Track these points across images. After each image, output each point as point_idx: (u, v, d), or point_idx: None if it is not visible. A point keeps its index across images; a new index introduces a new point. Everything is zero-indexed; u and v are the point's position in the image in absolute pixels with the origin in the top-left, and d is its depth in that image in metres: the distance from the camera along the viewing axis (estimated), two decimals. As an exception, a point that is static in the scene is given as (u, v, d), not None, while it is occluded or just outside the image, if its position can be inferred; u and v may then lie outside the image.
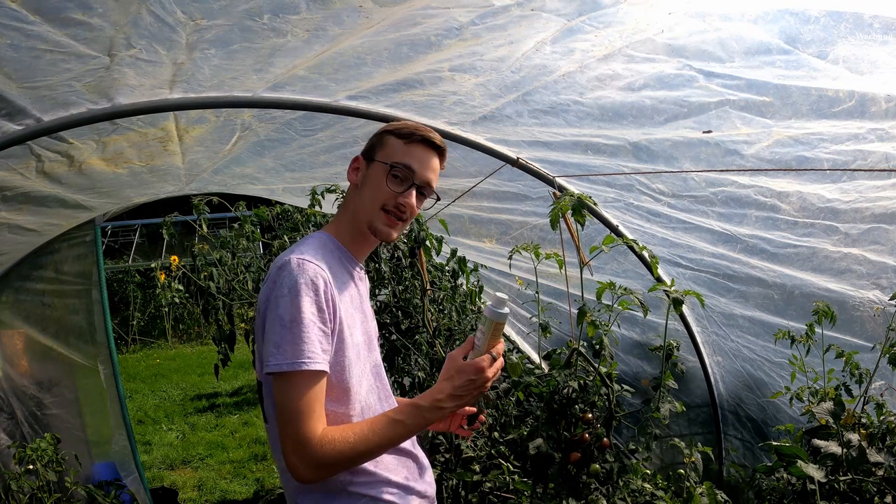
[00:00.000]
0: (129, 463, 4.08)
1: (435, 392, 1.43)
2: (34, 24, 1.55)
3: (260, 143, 2.90)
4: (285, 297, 1.35)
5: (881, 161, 2.22)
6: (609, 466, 2.19)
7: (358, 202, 1.57)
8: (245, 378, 8.16)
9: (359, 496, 1.43)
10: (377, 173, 1.53)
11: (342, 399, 1.44)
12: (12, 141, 2.07)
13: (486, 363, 1.43)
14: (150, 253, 11.94)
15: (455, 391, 1.41)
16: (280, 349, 1.33)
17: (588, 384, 2.23)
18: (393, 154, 1.53)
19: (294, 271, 1.37)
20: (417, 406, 1.41)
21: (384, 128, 1.60)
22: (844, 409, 2.20)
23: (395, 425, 1.39)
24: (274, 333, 1.34)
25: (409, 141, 1.54)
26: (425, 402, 1.41)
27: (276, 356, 1.33)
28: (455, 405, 1.43)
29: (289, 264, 1.38)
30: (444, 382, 1.43)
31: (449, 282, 3.27)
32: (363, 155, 1.60)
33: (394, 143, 1.55)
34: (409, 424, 1.40)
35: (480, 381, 1.42)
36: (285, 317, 1.34)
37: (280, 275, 1.38)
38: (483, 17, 1.86)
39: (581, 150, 2.71)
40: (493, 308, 1.42)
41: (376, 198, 1.52)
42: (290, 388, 1.33)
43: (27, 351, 3.86)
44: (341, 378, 1.43)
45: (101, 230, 3.91)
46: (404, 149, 1.53)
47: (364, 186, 1.56)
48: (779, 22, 1.93)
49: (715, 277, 3.11)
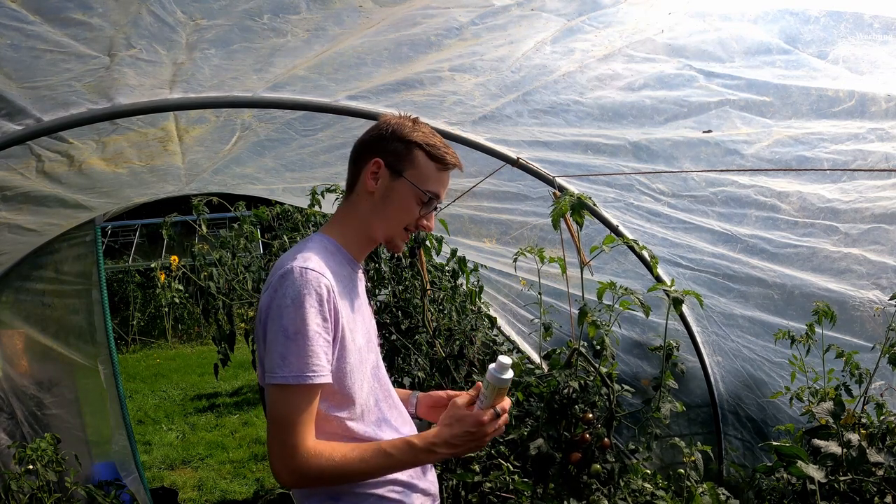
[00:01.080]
0: (129, 463, 4.08)
1: (431, 435, 1.42)
2: (34, 24, 1.55)
3: (260, 143, 2.90)
4: (289, 308, 1.33)
5: (881, 161, 2.22)
6: (610, 466, 2.19)
7: (377, 214, 1.51)
8: (245, 378, 8.16)
9: (365, 496, 1.44)
10: (406, 192, 1.49)
11: (343, 404, 1.44)
12: (12, 141, 2.07)
13: (488, 418, 1.41)
14: (150, 253, 11.93)
15: (451, 439, 1.41)
16: (286, 361, 1.33)
17: (588, 384, 2.23)
18: (426, 180, 1.49)
19: (297, 281, 1.35)
20: (411, 445, 1.40)
21: (410, 136, 1.49)
22: (844, 409, 2.20)
23: (385, 458, 1.38)
24: (278, 344, 1.34)
25: (442, 167, 1.51)
26: (420, 444, 1.40)
27: (283, 368, 1.32)
28: (449, 453, 1.42)
29: (291, 273, 1.36)
30: (442, 428, 1.43)
31: (449, 282, 3.27)
32: (386, 163, 1.49)
33: (426, 166, 1.49)
34: (399, 460, 1.40)
35: (479, 434, 1.41)
36: (289, 328, 1.33)
37: (283, 284, 1.36)
38: (483, 17, 1.86)
39: (581, 150, 2.71)
40: (496, 373, 1.40)
41: (402, 219, 1.51)
42: (291, 399, 1.33)
43: (27, 351, 3.85)
44: (343, 384, 1.43)
45: (101, 230, 3.91)
46: (437, 176, 1.50)
47: (388, 200, 1.50)
48: (779, 22, 1.93)
49: (715, 277, 3.11)
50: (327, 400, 1.42)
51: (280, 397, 1.34)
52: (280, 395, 1.34)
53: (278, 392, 1.34)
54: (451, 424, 1.42)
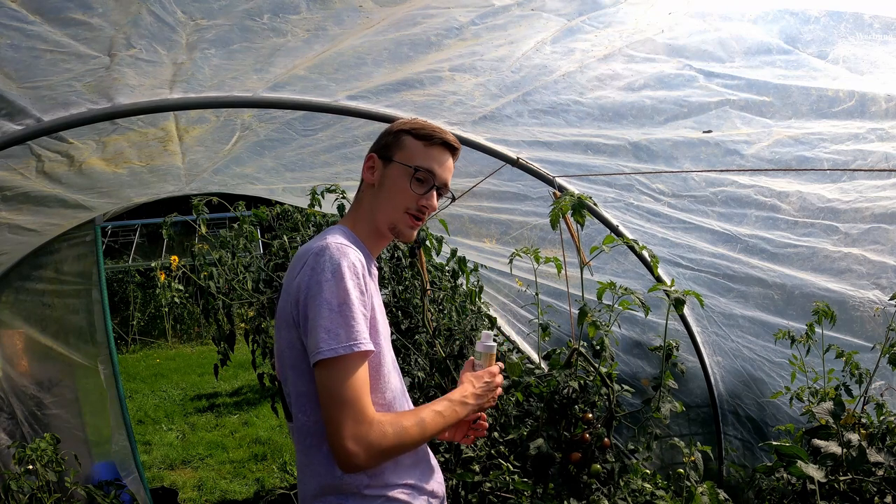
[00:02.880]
0: (129, 463, 4.08)
1: (461, 390, 1.56)
2: (34, 24, 1.55)
3: (260, 143, 2.90)
4: (330, 281, 1.33)
5: (881, 161, 2.22)
6: (610, 466, 2.19)
7: (377, 203, 1.55)
8: (245, 378, 8.16)
9: (374, 498, 1.43)
10: (398, 175, 1.52)
11: (376, 386, 1.44)
12: (12, 141, 2.07)
13: (497, 370, 1.65)
14: (150, 253, 11.94)
15: (476, 390, 1.58)
16: (332, 334, 1.31)
17: (588, 384, 2.23)
18: (413, 157, 1.52)
19: (335, 255, 1.36)
20: (451, 401, 1.52)
21: (399, 126, 1.57)
22: (844, 409, 2.20)
23: (438, 417, 1.46)
24: (323, 318, 1.32)
25: (429, 143, 1.53)
26: (456, 398, 1.53)
27: (330, 341, 1.30)
28: (477, 405, 1.58)
29: (328, 248, 1.37)
30: (466, 384, 1.59)
31: (449, 282, 3.27)
32: (378, 154, 1.57)
33: (413, 145, 1.53)
34: (447, 417, 1.49)
35: (493, 385, 1.62)
36: (333, 301, 1.32)
37: (319, 260, 1.36)
38: (483, 17, 1.86)
39: (581, 150, 2.71)
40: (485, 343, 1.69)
41: (400, 200, 1.52)
42: (347, 371, 1.31)
43: (27, 351, 3.86)
44: (376, 363, 1.43)
45: (101, 230, 3.91)
46: (425, 151, 1.53)
47: (383, 187, 1.54)
48: (779, 22, 1.93)
49: (715, 277, 3.11)
50: None
51: (337, 373, 1.31)
52: (336, 371, 1.31)
53: (333, 367, 1.31)
54: (472, 381, 1.60)
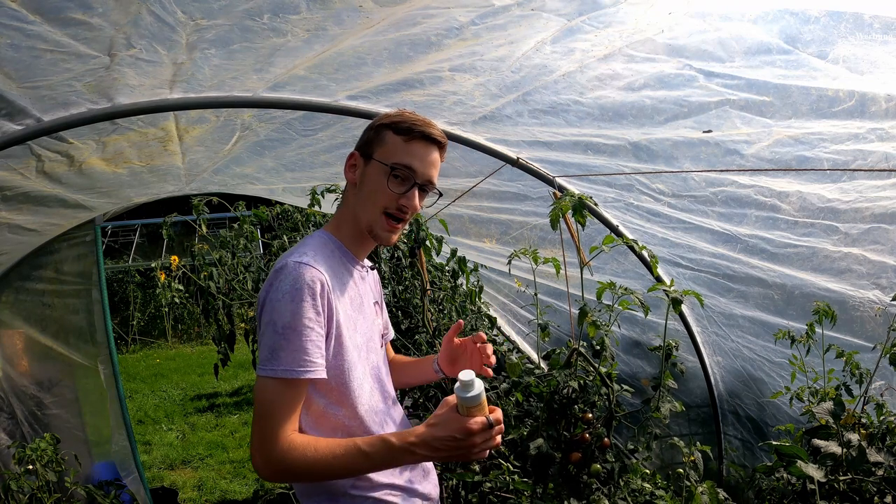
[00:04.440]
0: (129, 463, 4.08)
1: (412, 434, 1.31)
2: (34, 24, 1.55)
3: (260, 143, 2.90)
4: (281, 302, 1.34)
5: (881, 161, 2.22)
6: (610, 466, 2.19)
7: (358, 203, 1.51)
8: (245, 378, 8.16)
9: (362, 499, 1.43)
10: (377, 173, 1.47)
11: (342, 401, 1.44)
12: (12, 141, 2.07)
13: (477, 427, 1.26)
14: (150, 253, 11.94)
15: (433, 442, 1.29)
16: (275, 355, 1.33)
17: (588, 384, 2.23)
18: (393, 153, 1.46)
19: (291, 275, 1.36)
20: (388, 444, 1.31)
21: (380, 121, 1.51)
22: (844, 409, 2.20)
23: (360, 457, 1.31)
24: (268, 337, 1.34)
25: (408, 138, 1.46)
26: (398, 443, 1.30)
27: (272, 361, 1.33)
28: (429, 456, 1.31)
29: (286, 268, 1.37)
30: (425, 427, 1.31)
31: (449, 282, 3.27)
32: (359, 151, 1.52)
33: (392, 141, 1.47)
34: (375, 460, 1.32)
35: (465, 444, 1.27)
36: (278, 322, 1.33)
37: (277, 278, 1.37)
38: (483, 17, 1.86)
39: (581, 150, 2.71)
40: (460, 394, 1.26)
41: (377, 200, 1.47)
42: (276, 392, 1.33)
43: (27, 351, 3.85)
44: (341, 381, 1.43)
45: (101, 230, 3.91)
46: (404, 147, 1.46)
47: (363, 187, 1.49)
48: (779, 22, 1.93)
49: (715, 277, 3.11)
50: (325, 396, 1.42)
51: (266, 389, 1.34)
52: (266, 387, 1.34)
53: (265, 384, 1.34)
54: (436, 425, 1.29)
